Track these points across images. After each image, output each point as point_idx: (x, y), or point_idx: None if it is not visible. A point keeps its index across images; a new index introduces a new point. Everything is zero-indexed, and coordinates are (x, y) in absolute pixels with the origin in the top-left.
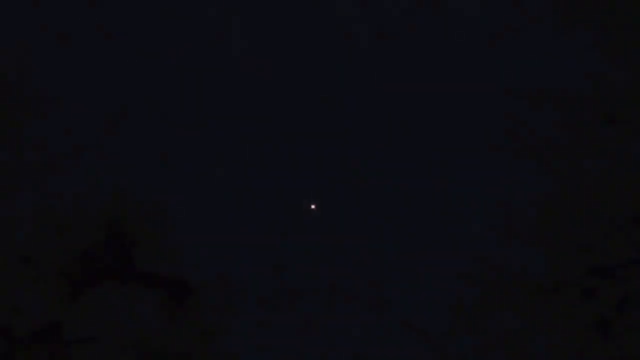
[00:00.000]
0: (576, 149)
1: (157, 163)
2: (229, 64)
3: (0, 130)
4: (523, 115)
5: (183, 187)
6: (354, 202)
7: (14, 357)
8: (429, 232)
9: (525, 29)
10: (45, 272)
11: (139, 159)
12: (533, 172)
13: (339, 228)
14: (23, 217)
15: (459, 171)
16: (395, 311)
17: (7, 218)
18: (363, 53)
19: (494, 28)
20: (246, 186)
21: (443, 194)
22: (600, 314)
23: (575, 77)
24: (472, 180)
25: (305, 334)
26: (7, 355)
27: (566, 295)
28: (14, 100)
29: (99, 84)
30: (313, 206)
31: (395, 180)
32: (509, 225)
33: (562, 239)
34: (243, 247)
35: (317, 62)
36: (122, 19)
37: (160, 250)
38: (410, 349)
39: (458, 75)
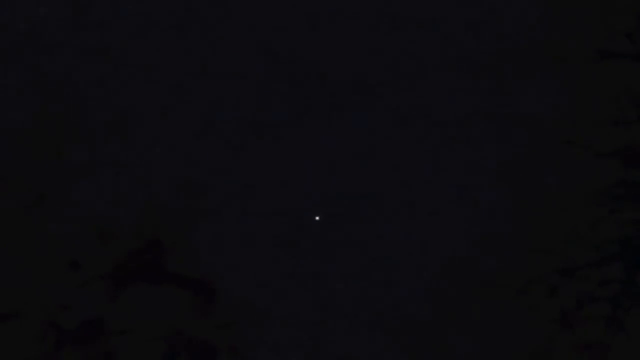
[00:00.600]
0: (539, 165)
1: (185, 180)
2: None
3: (50, 159)
4: (491, 137)
5: (209, 201)
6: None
7: (63, 346)
8: (407, 232)
9: (501, 68)
10: (90, 275)
11: (170, 177)
12: (503, 186)
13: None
14: (71, 229)
15: (439, 185)
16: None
17: (57, 230)
18: None
19: (478, 69)
20: (264, 205)
21: (423, 200)
22: (562, 308)
23: (538, 104)
24: (453, 199)
25: None
26: (58, 344)
27: (533, 292)
28: (64, 126)
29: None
30: (317, 217)
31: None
32: (484, 232)
33: (529, 245)
34: (260, 257)
35: None
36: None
37: (187, 256)
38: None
39: (438, 98)
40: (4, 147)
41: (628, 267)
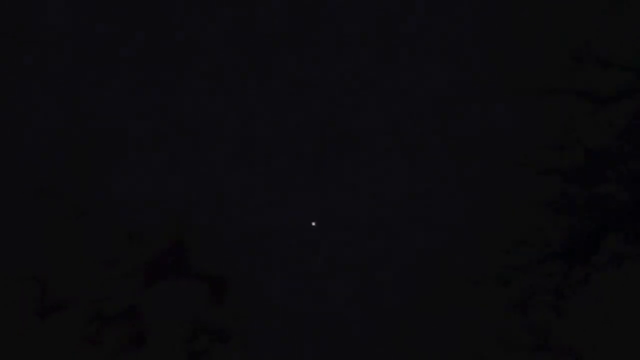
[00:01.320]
0: (494, 180)
1: (206, 189)
2: None
3: (88, 173)
4: (453, 156)
5: (225, 208)
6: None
7: (104, 330)
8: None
9: (469, 100)
10: (125, 271)
11: (194, 186)
12: (464, 198)
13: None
14: (108, 231)
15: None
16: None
17: (97, 232)
18: None
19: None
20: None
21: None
22: (515, 298)
23: (494, 129)
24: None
25: None
26: (99, 329)
27: (489, 284)
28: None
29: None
30: (313, 223)
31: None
32: (448, 235)
33: (486, 245)
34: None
35: None
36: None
37: (208, 255)
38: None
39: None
40: (49, 162)
41: (568, 263)
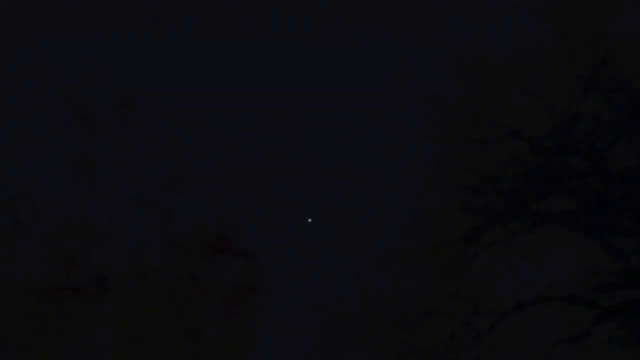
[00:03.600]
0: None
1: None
2: None
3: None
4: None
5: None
6: None
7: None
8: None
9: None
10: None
11: (235, 201)
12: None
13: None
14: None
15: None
16: None
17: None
18: None
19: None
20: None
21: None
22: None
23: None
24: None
25: None
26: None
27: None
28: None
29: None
30: (310, 220)
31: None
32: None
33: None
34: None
35: None
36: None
37: (241, 262)
38: None
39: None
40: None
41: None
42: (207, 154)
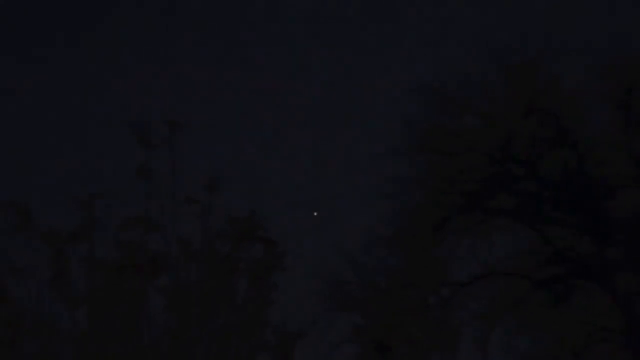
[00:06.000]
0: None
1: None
2: None
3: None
4: None
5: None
6: None
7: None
8: None
9: None
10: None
11: (260, 200)
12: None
13: None
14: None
15: None
16: None
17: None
18: None
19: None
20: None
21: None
22: None
23: None
24: None
25: None
26: None
27: None
28: None
29: None
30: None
31: None
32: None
33: None
34: None
35: None
36: None
37: (264, 247)
38: None
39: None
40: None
41: None
42: (239, 163)
